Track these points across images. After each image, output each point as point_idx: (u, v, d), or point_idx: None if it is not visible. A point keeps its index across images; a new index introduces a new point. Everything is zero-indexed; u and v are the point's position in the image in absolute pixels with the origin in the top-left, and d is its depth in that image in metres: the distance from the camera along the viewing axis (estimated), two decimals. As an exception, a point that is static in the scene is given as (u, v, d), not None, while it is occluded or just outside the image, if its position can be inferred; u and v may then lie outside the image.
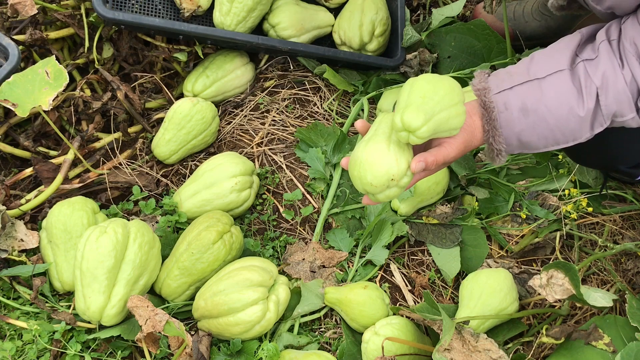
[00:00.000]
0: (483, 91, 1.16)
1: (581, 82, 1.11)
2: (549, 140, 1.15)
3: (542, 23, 1.95)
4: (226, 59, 1.88)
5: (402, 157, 1.08)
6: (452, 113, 1.08)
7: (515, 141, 1.16)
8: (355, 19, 1.90)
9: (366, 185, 1.10)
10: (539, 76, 1.14)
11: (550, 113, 1.12)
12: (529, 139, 1.15)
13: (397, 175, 1.08)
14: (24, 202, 1.56)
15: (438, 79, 1.12)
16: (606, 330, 1.36)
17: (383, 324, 1.39)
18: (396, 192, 1.12)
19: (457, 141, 1.13)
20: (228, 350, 1.38)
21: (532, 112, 1.13)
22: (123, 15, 1.69)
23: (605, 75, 1.09)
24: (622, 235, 1.68)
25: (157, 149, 1.73)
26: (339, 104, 1.92)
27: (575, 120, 1.12)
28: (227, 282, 1.38)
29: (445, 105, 1.08)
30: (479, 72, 1.21)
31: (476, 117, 1.17)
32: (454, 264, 1.59)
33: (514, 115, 1.14)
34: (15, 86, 1.47)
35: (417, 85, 1.11)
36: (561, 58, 1.14)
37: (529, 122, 1.14)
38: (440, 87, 1.09)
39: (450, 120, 1.08)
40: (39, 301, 1.41)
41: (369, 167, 1.08)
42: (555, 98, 1.12)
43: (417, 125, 1.03)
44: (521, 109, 1.14)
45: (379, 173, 1.07)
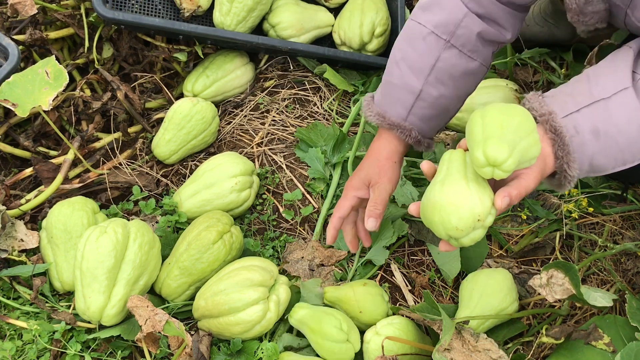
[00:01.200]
0: (549, 116, 1.11)
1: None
2: (618, 161, 1.12)
3: (545, 29, 1.94)
4: (226, 59, 1.88)
5: (484, 195, 1.03)
6: (531, 142, 1.03)
7: (587, 165, 1.12)
8: (355, 19, 1.91)
9: (451, 230, 1.03)
10: (604, 96, 1.10)
11: (620, 133, 1.09)
12: (600, 162, 1.12)
13: (483, 215, 1.02)
14: (24, 202, 1.56)
15: (507, 107, 1.06)
16: (606, 330, 1.36)
17: (384, 323, 1.39)
18: (481, 233, 1.05)
19: (534, 171, 1.08)
20: (228, 350, 1.38)
21: (603, 134, 1.09)
22: (123, 15, 1.69)
23: None
24: (622, 235, 1.68)
25: (157, 149, 1.74)
26: (339, 104, 1.92)
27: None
28: (228, 282, 1.38)
29: (524, 134, 1.02)
30: (533, 94, 1.16)
31: (545, 143, 1.11)
32: (454, 264, 1.59)
33: (586, 138, 1.10)
34: (15, 86, 1.47)
35: (490, 115, 1.04)
36: (622, 75, 1.10)
37: (601, 144, 1.10)
38: (515, 116, 1.03)
39: (530, 150, 1.03)
40: (39, 301, 1.41)
41: (452, 210, 1.01)
42: (624, 117, 1.09)
43: (502, 158, 0.97)
44: (592, 131, 1.09)
45: (464, 215, 1.01)
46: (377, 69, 1.98)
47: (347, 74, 1.97)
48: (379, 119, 1.37)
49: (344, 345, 1.36)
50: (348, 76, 1.96)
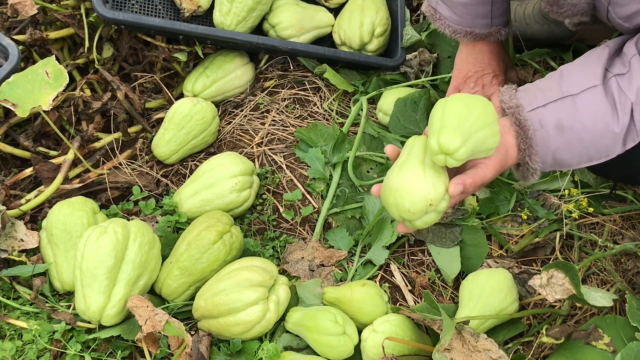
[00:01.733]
0: (516, 109, 1.13)
1: (615, 98, 1.09)
2: (582, 157, 1.13)
3: (545, 28, 1.94)
4: (226, 59, 1.88)
5: (439, 181, 1.06)
6: (488, 133, 1.06)
7: (550, 159, 1.14)
8: (355, 19, 1.90)
9: (403, 213, 1.07)
10: (572, 92, 1.11)
11: (585, 130, 1.10)
12: (564, 157, 1.13)
13: (435, 200, 1.05)
14: (24, 202, 1.56)
15: (470, 98, 1.09)
16: (606, 330, 1.35)
17: (381, 321, 1.39)
18: (434, 217, 1.09)
19: (492, 161, 1.11)
20: (228, 350, 1.38)
21: (568, 130, 1.11)
22: (123, 15, 1.69)
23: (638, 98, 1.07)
24: (622, 235, 1.68)
25: (157, 149, 1.73)
26: (339, 104, 1.92)
27: (610, 137, 1.10)
28: (228, 282, 1.38)
29: (481, 125, 1.05)
30: (506, 88, 1.19)
31: (509, 135, 1.14)
32: (454, 264, 1.59)
33: (550, 133, 1.12)
34: (15, 86, 1.47)
35: (450, 106, 1.08)
36: (593, 73, 1.12)
37: (565, 140, 1.11)
38: (474, 107, 1.07)
39: (487, 141, 1.06)
40: (39, 301, 1.41)
41: (406, 194, 1.05)
42: (590, 115, 1.10)
43: (454, 147, 1.01)
44: (557, 127, 1.11)
45: (416, 199, 1.04)
46: (377, 69, 1.97)
47: (347, 74, 1.97)
48: (468, 36, 1.51)
49: (341, 338, 1.36)
50: (348, 76, 1.96)
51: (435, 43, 1.96)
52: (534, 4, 1.97)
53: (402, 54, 1.92)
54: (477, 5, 1.46)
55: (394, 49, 1.96)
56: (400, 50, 1.92)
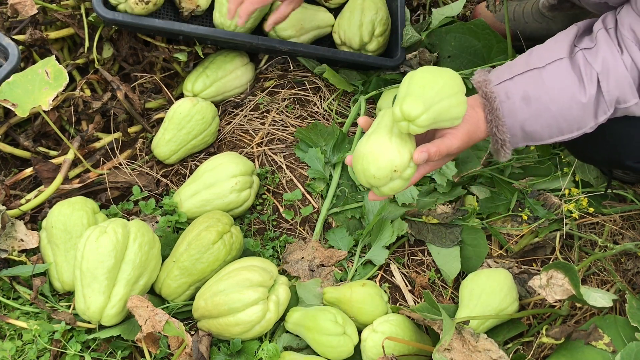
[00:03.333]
0: (483, 83, 1.17)
1: (581, 70, 1.11)
2: (552, 129, 1.15)
3: (543, 25, 1.95)
4: (226, 59, 1.88)
5: (404, 148, 1.09)
6: (453, 102, 1.08)
7: (519, 131, 1.16)
8: (355, 19, 1.90)
9: (369, 178, 1.10)
10: (539, 65, 1.15)
11: (552, 100, 1.12)
12: (533, 128, 1.15)
13: (399, 167, 1.08)
14: (24, 202, 1.56)
15: (437, 70, 1.12)
16: (606, 330, 1.35)
17: (381, 321, 1.39)
18: (400, 184, 1.11)
19: (460, 132, 1.13)
20: (228, 350, 1.38)
21: (535, 100, 1.13)
22: (123, 16, 1.69)
23: (605, 60, 1.09)
24: (622, 235, 1.68)
25: (157, 149, 1.73)
26: (338, 103, 1.92)
27: (578, 107, 1.11)
28: (227, 282, 1.38)
29: (446, 94, 1.08)
30: (480, 69, 1.22)
31: (479, 108, 1.17)
32: (454, 264, 1.59)
33: (516, 105, 1.14)
34: (15, 86, 1.47)
35: (416, 76, 1.11)
36: (559, 48, 1.15)
37: (532, 111, 1.13)
38: (440, 77, 1.09)
39: (451, 110, 1.08)
40: (39, 301, 1.41)
41: (372, 160, 1.08)
42: (556, 85, 1.12)
43: (416, 113, 1.04)
44: (523, 98, 1.14)
45: (381, 165, 1.08)
46: (377, 69, 1.97)
47: (347, 74, 1.97)
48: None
49: (341, 338, 1.36)
50: (348, 76, 1.96)
51: (435, 43, 1.96)
52: (532, 3, 1.98)
53: (402, 53, 1.92)
54: None
55: (394, 49, 1.95)
56: (400, 50, 1.92)
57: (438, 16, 1.91)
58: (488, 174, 1.72)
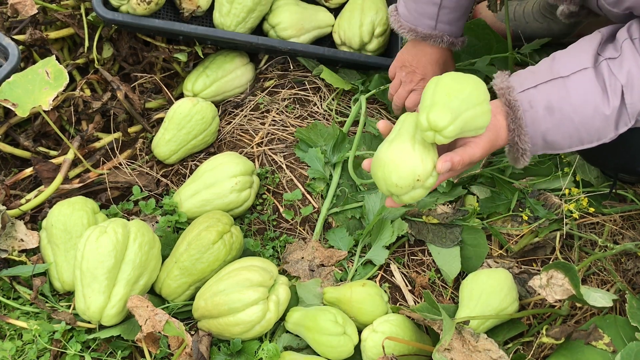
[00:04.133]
0: (507, 90, 1.15)
1: (605, 81, 1.09)
2: (573, 139, 1.14)
3: (544, 25, 1.95)
4: (226, 59, 1.88)
5: (427, 157, 1.07)
6: (478, 112, 1.07)
7: (540, 140, 1.15)
8: (355, 19, 1.90)
9: (391, 187, 1.08)
10: (563, 74, 1.13)
11: (575, 111, 1.11)
12: (554, 138, 1.14)
13: (422, 176, 1.07)
14: (24, 202, 1.56)
15: (463, 77, 1.10)
16: (606, 330, 1.35)
17: (381, 321, 1.39)
18: (421, 193, 1.10)
19: (482, 140, 1.12)
20: (228, 350, 1.38)
21: (558, 110, 1.12)
22: (123, 16, 1.69)
23: (630, 73, 1.08)
24: (622, 235, 1.68)
25: (157, 149, 1.73)
26: (338, 103, 1.92)
27: (601, 119, 1.10)
28: (228, 282, 1.38)
29: (472, 103, 1.06)
30: (500, 72, 1.20)
31: (500, 116, 1.16)
32: (455, 264, 1.59)
33: (539, 114, 1.13)
34: (15, 86, 1.47)
35: (442, 83, 1.08)
36: (584, 57, 1.13)
37: (555, 121, 1.12)
38: (466, 85, 1.08)
39: (477, 119, 1.07)
40: (39, 301, 1.41)
41: (393, 168, 1.07)
42: (580, 96, 1.11)
43: (444, 124, 1.02)
44: (546, 107, 1.12)
45: (404, 173, 1.06)
46: (377, 68, 1.97)
47: (347, 74, 1.97)
48: (410, 33, 1.56)
49: (341, 338, 1.36)
50: (348, 76, 1.96)
51: (435, 43, 1.96)
52: (532, 3, 1.98)
53: (402, 54, 1.92)
54: (425, 3, 1.52)
55: (394, 49, 1.95)
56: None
57: (438, 16, 1.91)
58: (488, 173, 1.72)
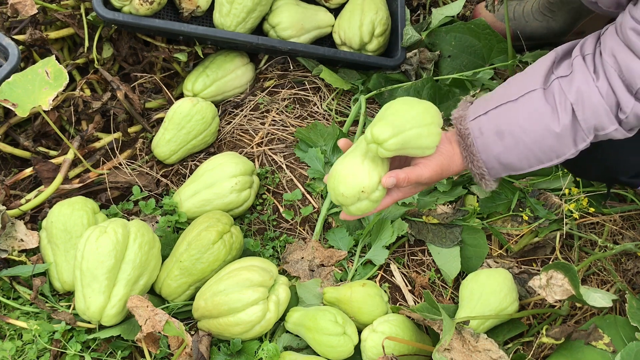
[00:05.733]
0: (459, 119, 1.20)
1: (556, 99, 1.11)
2: (530, 159, 1.16)
3: (544, 24, 1.95)
4: (226, 59, 1.88)
5: (374, 171, 1.14)
6: (424, 132, 1.14)
7: (496, 164, 1.18)
8: (355, 19, 1.90)
9: (339, 196, 1.15)
10: (512, 98, 1.16)
11: (525, 132, 1.14)
12: (510, 160, 1.17)
13: (367, 188, 1.13)
14: (24, 202, 1.56)
15: (414, 100, 1.18)
16: (606, 330, 1.35)
17: (381, 321, 1.39)
18: (368, 205, 1.16)
19: (432, 163, 1.18)
20: (228, 350, 1.38)
21: (508, 134, 1.15)
22: (123, 16, 1.69)
23: (580, 90, 1.09)
24: (622, 235, 1.68)
25: (157, 149, 1.73)
26: (338, 103, 1.92)
27: (553, 137, 1.12)
28: (228, 282, 1.38)
29: (417, 123, 1.13)
30: (462, 101, 1.25)
31: (455, 144, 1.21)
32: (454, 264, 1.59)
33: (490, 139, 1.16)
34: (15, 86, 1.47)
35: (393, 104, 1.18)
36: (534, 78, 1.16)
37: (506, 144, 1.15)
38: (414, 107, 1.16)
39: (422, 139, 1.13)
40: (39, 301, 1.41)
41: (342, 179, 1.14)
42: (528, 117, 1.13)
43: (384, 137, 1.09)
44: (497, 132, 1.16)
45: (350, 184, 1.13)
46: (377, 68, 1.97)
47: (347, 74, 1.97)
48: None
49: (341, 338, 1.36)
50: (348, 76, 1.96)
51: (435, 42, 1.96)
52: (532, 3, 1.98)
53: (402, 53, 1.92)
54: None
55: (394, 48, 1.95)
56: (401, 50, 1.92)
57: (438, 16, 1.91)
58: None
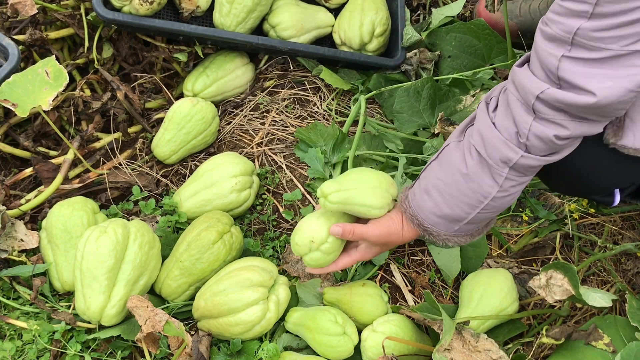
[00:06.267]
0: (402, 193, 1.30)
1: (464, 146, 1.17)
2: (461, 205, 1.19)
3: None
4: (226, 59, 1.88)
5: (324, 225, 1.27)
6: (368, 192, 1.26)
7: (435, 218, 1.23)
8: (355, 19, 1.90)
9: (294, 246, 1.30)
10: (435, 158, 1.24)
11: (444, 183, 1.20)
12: (444, 212, 1.21)
13: (316, 238, 1.26)
14: (24, 202, 1.56)
15: (369, 170, 1.34)
16: (606, 330, 1.36)
17: (381, 321, 1.39)
18: (319, 256, 1.27)
19: (380, 224, 1.28)
20: (228, 351, 1.38)
21: (432, 188, 1.22)
22: (123, 16, 1.69)
23: (480, 130, 1.14)
24: (622, 235, 1.68)
25: (157, 149, 1.73)
26: (337, 103, 1.92)
27: (465, 179, 1.16)
28: (228, 282, 1.38)
29: (363, 185, 1.27)
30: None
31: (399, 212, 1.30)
32: (455, 264, 1.59)
33: (420, 199, 1.25)
34: (15, 86, 1.47)
35: (350, 171, 1.35)
36: (454, 133, 1.23)
37: (433, 198, 1.22)
38: (366, 173, 1.32)
39: (365, 197, 1.26)
40: (39, 301, 1.41)
41: (297, 230, 1.29)
42: (444, 169, 1.20)
43: (329, 191, 1.24)
44: (425, 191, 1.23)
45: (302, 235, 1.28)
46: (377, 68, 1.97)
47: (347, 74, 1.97)
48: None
49: (341, 338, 1.36)
50: (348, 76, 1.96)
51: (435, 43, 1.96)
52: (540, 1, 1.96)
53: (402, 53, 1.92)
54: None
55: (394, 48, 1.96)
56: (401, 50, 1.92)
57: (438, 16, 1.91)
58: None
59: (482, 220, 1.24)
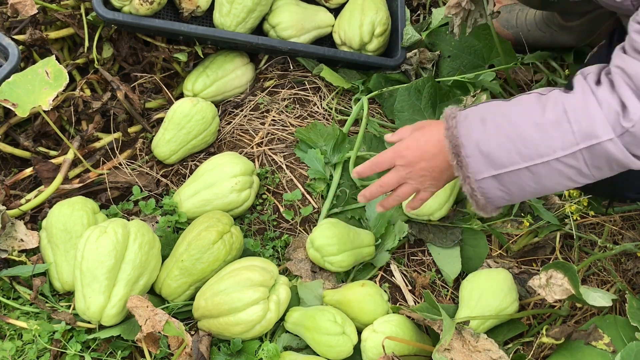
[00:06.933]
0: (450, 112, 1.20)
1: (548, 99, 1.09)
2: (511, 152, 1.10)
3: (547, 35, 1.92)
4: (226, 59, 1.88)
5: None
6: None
7: (476, 151, 1.13)
8: (355, 19, 1.90)
9: None
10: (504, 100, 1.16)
11: (507, 121, 1.11)
12: (489, 149, 1.12)
13: None
14: (24, 202, 1.56)
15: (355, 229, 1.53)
16: (606, 330, 1.36)
17: (381, 321, 1.39)
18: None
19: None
20: (228, 350, 1.38)
21: (490, 121, 1.13)
22: (123, 16, 1.69)
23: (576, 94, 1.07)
24: (622, 235, 1.68)
25: (157, 149, 1.73)
26: (337, 102, 1.92)
27: (534, 129, 1.08)
28: (228, 282, 1.38)
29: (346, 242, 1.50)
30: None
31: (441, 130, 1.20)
32: (455, 264, 1.59)
33: (472, 124, 1.14)
34: (15, 86, 1.47)
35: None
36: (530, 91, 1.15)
37: (487, 129, 1.12)
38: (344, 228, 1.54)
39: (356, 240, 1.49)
40: (39, 301, 1.41)
41: None
42: (514, 110, 1.12)
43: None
44: (480, 119, 1.14)
45: None
46: (377, 68, 1.97)
47: (347, 74, 1.97)
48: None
49: (340, 338, 1.36)
50: (348, 76, 1.96)
51: (435, 42, 1.96)
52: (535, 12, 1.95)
53: (402, 53, 1.92)
54: None
55: (394, 48, 1.96)
56: (401, 50, 1.92)
57: (438, 16, 1.91)
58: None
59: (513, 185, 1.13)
